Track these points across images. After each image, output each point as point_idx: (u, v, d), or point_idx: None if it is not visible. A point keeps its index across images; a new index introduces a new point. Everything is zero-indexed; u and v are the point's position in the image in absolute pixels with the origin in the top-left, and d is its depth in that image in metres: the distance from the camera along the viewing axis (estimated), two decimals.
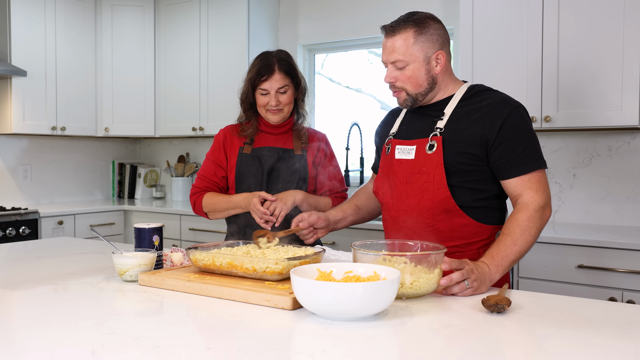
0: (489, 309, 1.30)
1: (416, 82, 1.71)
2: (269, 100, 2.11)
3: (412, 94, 1.73)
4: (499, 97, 1.72)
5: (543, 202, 1.63)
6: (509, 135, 1.65)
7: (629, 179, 3.02)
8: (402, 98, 1.75)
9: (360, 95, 4.21)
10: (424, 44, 1.68)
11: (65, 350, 1.06)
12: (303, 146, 2.19)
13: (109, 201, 4.65)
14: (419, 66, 1.69)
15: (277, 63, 2.11)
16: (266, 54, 2.15)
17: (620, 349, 1.09)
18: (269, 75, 2.09)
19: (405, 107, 1.78)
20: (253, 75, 2.11)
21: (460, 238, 1.70)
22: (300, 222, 1.87)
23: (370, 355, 1.05)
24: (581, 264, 2.58)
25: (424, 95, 1.74)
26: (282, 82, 2.10)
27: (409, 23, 1.69)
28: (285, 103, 2.13)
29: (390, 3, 3.79)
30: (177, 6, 4.38)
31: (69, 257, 2.05)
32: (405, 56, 1.68)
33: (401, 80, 1.71)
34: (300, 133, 2.21)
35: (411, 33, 1.68)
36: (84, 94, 4.33)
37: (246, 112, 2.20)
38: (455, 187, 1.68)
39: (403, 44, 1.68)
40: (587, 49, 2.78)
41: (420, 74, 1.70)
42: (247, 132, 2.19)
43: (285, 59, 2.14)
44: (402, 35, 1.68)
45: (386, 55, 1.72)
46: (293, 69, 2.15)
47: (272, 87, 2.09)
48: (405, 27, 1.68)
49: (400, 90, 1.74)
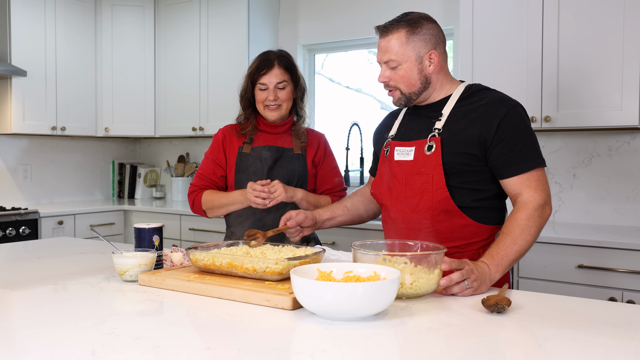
0: (489, 309, 1.30)
1: (409, 82, 1.72)
2: (267, 95, 2.13)
3: (405, 93, 1.74)
4: (496, 96, 1.72)
5: (542, 201, 1.62)
6: (506, 134, 1.64)
7: (629, 179, 3.02)
8: (396, 97, 1.77)
9: (360, 95, 4.21)
10: (416, 43, 1.70)
11: (65, 350, 1.06)
12: (302, 145, 2.21)
13: (109, 201, 4.65)
14: (411, 66, 1.71)
15: (277, 59, 2.15)
16: (267, 52, 2.20)
17: (620, 349, 1.09)
18: (268, 69, 2.13)
19: (399, 106, 1.80)
20: (253, 70, 2.16)
21: (459, 238, 1.70)
22: (288, 221, 1.88)
23: (370, 355, 1.05)
24: (581, 264, 2.58)
25: (418, 95, 1.75)
26: (280, 77, 2.13)
27: (402, 23, 1.70)
28: (283, 99, 2.14)
29: (390, 3, 3.79)
30: (177, 6, 4.38)
31: (69, 257, 2.05)
32: (398, 56, 1.70)
33: (394, 79, 1.73)
34: (299, 133, 2.23)
35: (404, 33, 1.69)
36: (84, 94, 4.33)
37: (245, 110, 2.22)
38: (454, 187, 1.68)
39: (396, 44, 1.70)
40: (587, 48, 2.78)
41: (412, 74, 1.71)
42: (246, 131, 2.20)
43: (285, 56, 2.19)
44: (395, 35, 1.70)
45: (380, 55, 1.74)
46: (293, 65, 2.19)
47: (270, 82, 2.12)
48: (398, 27, 1.70)
49: (394, 90, 1.75)
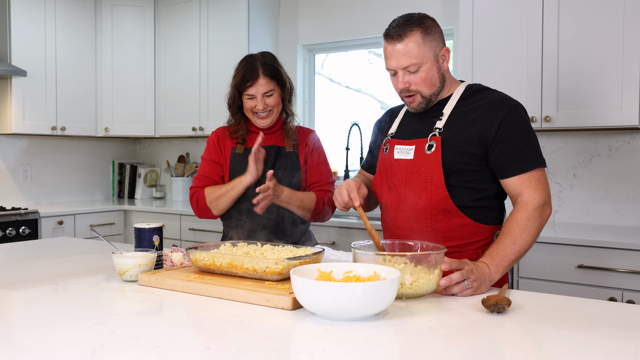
0: (489, 309, 1.30)
1: (430, 82, 1.70)
2: (256, 104, 2.11)
3: (426, 95, 1.72)
4: (497, 96, 1.72)
5: (542, 201, 1.62)
6: (507, 134, 1.65)
7: (629, 179, 3.02)
8: (417, 102, 1.73)
9: (360, 95, 4.21)
10: (431, 43, 1.68)
11: (65, 350, 1.06)
12: (294, 143, 2.21)
13: (109, 201, 4.65)
14: (431, 66, 1.68)
15: (262, 67, 2.10)
16: (249, 58, 2.14)
17: (620, 349, 1.09)
18: (253, 80, 2.09)
19: (418, 110, 1.75)
20: (238, 81, 2.12)
21: (458, 238, 1.70)
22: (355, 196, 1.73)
23: (370, 355, 1.05)
24: (581, 264, 2.58)
25: (437, 95, 1.74)
26: (267, 86, 2.10)
27: (413, 25, 1.67)
28: (272, 105, 2.13)
29: (390, 3, 3.79)
30: (177, 6, 4.38)
31: (69, 257, 2.05)
32: (418, 58, 1.66)
33: (415, 83, 1.69)
34: (289, 131, 2.22)
35: (419, 35, 1.66)
36: (84, 94, 4.33)
37: (235, 115, 2.22)
38: (454, 187, 1.68)
39: (414, 47, 1.66)
40: (587, 48, 2.78)
41: (433, 74, 1.69)
42: (237, 135, 2.20)
43: (270, 62, 2.13)
44: (412, 39, 1.66)
45: (396, 62, 1.68)
46: (277, 72, 2.13)
47: (257, 92, 2.10)
48: (411, 30, 1.66)
49: (415, 94, 1.71)
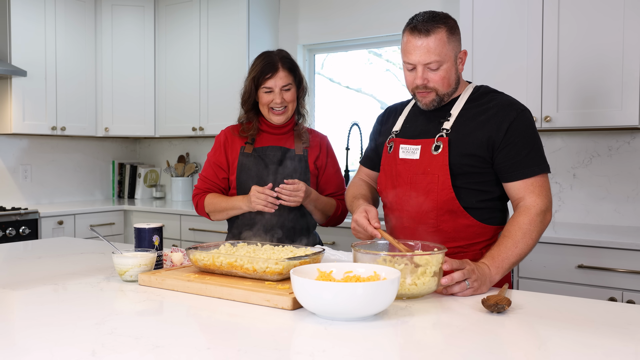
0: (489, 309, 1.30)
1: (448, 82, 1.69)
2: (274, 98, 2.11)
3: (441, 94, 1.71)
4: (505, 99, 1.72)
5: (545, 207, 1.63)
6: (514, 139, 1.65)
7: (629, 179, 3.02)
8: (430, 99, 1.71)
9: (360, 95, 4.21)
10: (454, 43, 1.68)
11: (65, 350, 1.06)
12: (304, 146, 2.19)
13: (109, 201, 4.65)
14: (450, 66, 1.68)
15: (281, 61, 2.12)
16: (268, 53, 2.16)
17: (620, 349, 1.09)
18: (273, 72, 2.10)
19: (430, 107, 1.74)
20: (257, 74, 2.12)
21: (463, 239, 1.70)
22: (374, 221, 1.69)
23: (370, 355, 1.05)
24: (581, 264, 2.58)
25: (450, 96, 1.73)
26: (286, 79, 2.11)
27: (440, 22, 1.65)
28: (289, 100, 2.13)
29: (390, 3, 3.79)
30: (177, 6, 4.37)
31: (69, 257, 2.05)
32: (441, 56, 1.65)
33: (434, 81, 1.68)
34: (301, 133, 2.21)
35: (444, 33, 1.65)
36: (84, 94, 4.33)
37: (248, 112, 2.20)
38: (459, 188, 1.68)
39: (439, 44, 1.64)
40: (587, 48, 2.78)
41: (451, 74, 1.69)
42: (248, 134, 2.19)
43: (288, 57, 2.16)
44: (437, 36, 1.64)
45: (419, 57, 1.65)
46: (295, 66, 2.17)
47: (276, 85, 2.10)
48: (437, 26, 1.64)
49: (430, 91, 1.70)
